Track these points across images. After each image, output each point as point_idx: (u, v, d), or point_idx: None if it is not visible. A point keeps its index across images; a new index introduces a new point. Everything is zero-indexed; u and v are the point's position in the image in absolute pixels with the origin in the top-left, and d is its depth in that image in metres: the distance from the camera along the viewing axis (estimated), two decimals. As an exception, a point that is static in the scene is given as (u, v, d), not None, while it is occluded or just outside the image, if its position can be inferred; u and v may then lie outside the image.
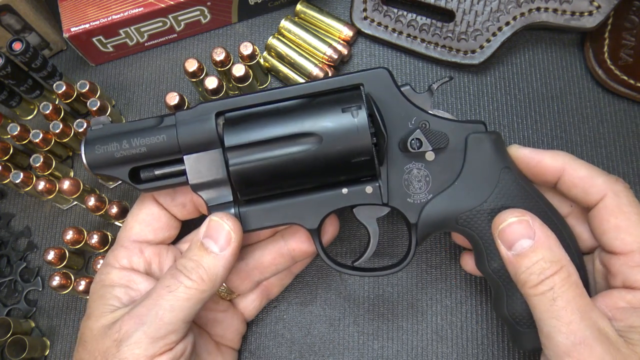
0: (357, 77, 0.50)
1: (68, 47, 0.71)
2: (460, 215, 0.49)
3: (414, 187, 0.50)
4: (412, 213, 0.50)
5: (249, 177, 0.48)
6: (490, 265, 0.49)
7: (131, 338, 0.45)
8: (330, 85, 0.50)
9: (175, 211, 0.55)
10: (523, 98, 0.66)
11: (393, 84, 0.50)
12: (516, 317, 0.49)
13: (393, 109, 0.50)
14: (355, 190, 0.50)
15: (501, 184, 0.49)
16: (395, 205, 0.50)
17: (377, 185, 0.50)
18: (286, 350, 0.61)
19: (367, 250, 0.53)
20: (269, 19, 0.70)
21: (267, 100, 0.50)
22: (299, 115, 0.48)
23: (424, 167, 0.50)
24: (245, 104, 0.50)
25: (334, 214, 0.54)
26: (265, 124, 0.48)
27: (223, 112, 0.50)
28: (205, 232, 0.48)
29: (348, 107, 0.48)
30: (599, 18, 0.62)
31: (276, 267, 0.55)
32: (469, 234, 0.50)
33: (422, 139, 0.48)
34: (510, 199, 0.49)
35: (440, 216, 0.50)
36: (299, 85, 0.50)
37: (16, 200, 0.67)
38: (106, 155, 0.49)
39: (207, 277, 0.47)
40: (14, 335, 0.58)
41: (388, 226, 0.63)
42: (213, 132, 0.49)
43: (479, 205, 0.49)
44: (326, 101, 0.49)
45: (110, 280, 0.51)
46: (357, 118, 0.47)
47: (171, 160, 0.50)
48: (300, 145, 0.47)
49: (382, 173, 0.50)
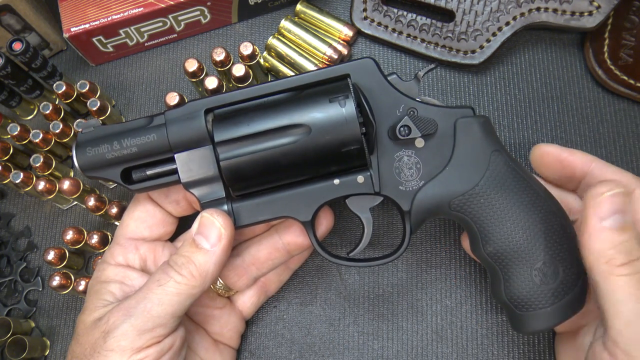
0: (343, 68, 0.50)
1: (68, 47, 0.71)
2: (453, 200, 0.49)
3: (405, 174, 0.50)
4: (405, 201, 0.50)
5: (240, 172, 0.48)
6: (485, 249, 0.49)
7: (118, 330, 0.45)
8: (317, 77, 0.50)
9: (169, 208, 0.55)
10: (523, 98, 0.66)
11: (379, 73, 0.50)
12: (515, 300, 0.49)
13: (381, 98, 0.50)
14: (346, 181, 0.50)
15: (492, 167, 0.49)
16: (387, 194, 0.50)
17: (368, 174, 0.50)
18: (286, 350, 0.61)
19: (361, 240, 0.53)
20: (269, 19, 0.71)
21: (256, 95, 0.50)
22: (287, 107, 0.49)
23: (414, 154, 0.50)
24: (234, 99, 0.50)
25: (328, 206, 0.54)
26: (254, 118, 0.48)
27: (212, 109, 0.50)
28: (197, 229, 0.49)
29: (335, 97, 0.48)
30: (599, 18, 0.62)
31: (272, 262, 0.56)
32: (462, 218, 0.50)
33: (410, 126, 0.49)
34: (501, 182, 0.49)
35: (433, 202, 0.50)
36: (287, 78, 0.51)
37: (16, 200, 0.67)
38: (97, 157, 0.49)
39: (198, 273, 0.47)
40: (14, 335, 0.58)
41: (384, 216, 0.63)
42: (203, 129, 0.49)
43: (470, 189, 0.49)
44: (314, 93, 0.49)
45: (105, 277, 0.52)
46: (345, 107, 0.47)
47: (162, 160, 0.50)
48: (290, 136, 0.48)
49: (372, 162, 0.50)
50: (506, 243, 0.48)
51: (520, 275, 0.48)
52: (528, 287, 0.48)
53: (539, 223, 0.48)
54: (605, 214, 0.43)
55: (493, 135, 0.50)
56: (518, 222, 0.48)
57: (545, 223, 0.48)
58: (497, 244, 0.49)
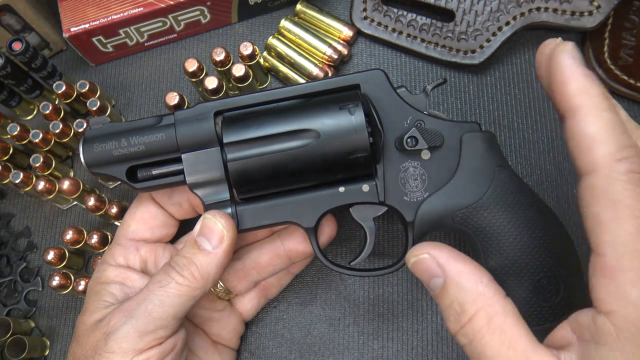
0: (353, 78, 0.51)
1: (68, 47, 0.71)
2: (457, 213, 0.49)
3: (410, 185, 0.50)
4: (409, 211, 0.50)
5: (247, 174, 0.48)
6: (487, 263, 0.49)
7: (119, 331, 0.45)
8: (327, 86, 0.51)
9: (172, 210, 0.55)
10: (523, 98, 0.66)
11: (389, 84, 0.51)
12: None
13: (389, 109, 0.50)
14: (352, 189, 0.50)
15: (496, 181, 0.49)
16: (391, 204, 0.50)
17: (373, 183, 0.50)
18: (286, 350, 0.61)
19: (363, 250, 0.53)
20: (269, 19, 0.70)
21: (266, 100, 0.51)
22: (296, 113, 0.49)
23: (419, 166, 0.50)
24: (244, 103, 0.51)
25: (332, 214, 0.54)
26: (263, 122, 0.49)
27: (222, 112, 0.50)
28: (199, 230, 0.49)
29: (345, 105, 0.48)
30: (599, 18, 0.62)
31: (273, 268, 0.56)
32: (465, 232, 0.50)
33: (417, 137, 0.49)
34: (505, 197, 0.49)
35: (437, 214, 0.50)
36: (297, 85, 0.51)
37: (16, 200, 0.67)
38: (104, 153, 0.49)
39: (199, 274, 0.47)
40: (14, 335, 0.58)
41: (387, 226, 0.62)
42: (212, 131, 0.49)
43: (474, 203, 0.49)
44: (324, 100, 0.50)
45: (106, 277, 0.51)
46: (354, 115, 0.48)
47: (169, 160, 0.50)
48: (298, 141, 0.48)
49: (378, 172, 0.50)
50: (508, 258, 0.48)
51: (520, 291, 0.48)
52: (528, 304, 0.48)
53: (541, 240, 0.48)
54: (425, 280, 0.41)
55: (498, 151, 0.51)
56: (520, 238, 0.48)
57: (547, 240, 0.48)
58: (498, 259, 0.48)
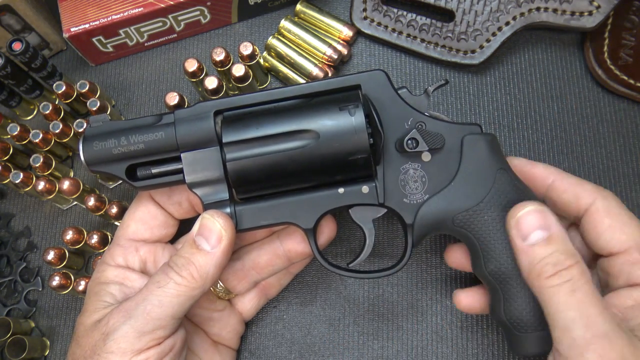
0: (354, 79, 0.50)
1: (68, 47, 0.71)
2: (457, 215, 0.49)
3: (410, 187, 0.50)
4: (408, 213, 0.50)
5: (246, 174, 0.48)
6: (487, 267, 0.49)
7: (117, 332, 0.45)
8: (327, 86, 0.50)
9: (171, 210, 0.55)
10: (523, 98, 0.66)
11: (390, 85, 0.51)
12: (514, 321, 0.48)
13: (390, 110, 0.50)
14: (351, 190, 0.50)
15: (497, 184, 0.49)
16: (391, 205, 0.50)
17: (373, 185, 0.50)
18: (286, 350, 0.61)
19: (362, 251, 0.53)
20: (268, 19, 0.70)
21: (266, 100, 0.50)
22: (296, 113, 0.49)
23: (420, 168, 0.50)
24: (244, 103, 0.50)
25: (331, 215, 0.54)
26: (263, 122, 0.48)
27: (221, 111, 0.50)
28: (197, 230, 0.49)
29: (345, 105, 0.48)
30: (599, 18, 0.62)
31: (273, 268, 0.55)
32: (465, 235, 0.50)
33: (418, 139, 0.49)
34: (506, 200, 0.48)
35: (437, 217, 0.49)
36: (297, 85, 0.51)
37: (16, 200, 0.67)
38: (104, 151, 0.49)
39: (198, 274, 0.47)
40: (14, 336, 0.58)
41: (387, 227, 0.62)
42: (211, 130, 0.49)
43: (475, 206, 0.49)
44: (324, 101, 0.49)
45: (105, 278, 0.51)
46: (355, 116, 0.47)
47: (168, 159, 0.50)
48: (298, 141, 0.48)
49: (378, 173, 0.50)
50: (508, 262, 0.48)
51: (521, 295, 0.47)
52: (529, 308, 0.47)
53: None
54: (525, 232, 0.46)
55: (499, 154, 0.50)
56: None
57: None
58: (499, 262, 0.48)
